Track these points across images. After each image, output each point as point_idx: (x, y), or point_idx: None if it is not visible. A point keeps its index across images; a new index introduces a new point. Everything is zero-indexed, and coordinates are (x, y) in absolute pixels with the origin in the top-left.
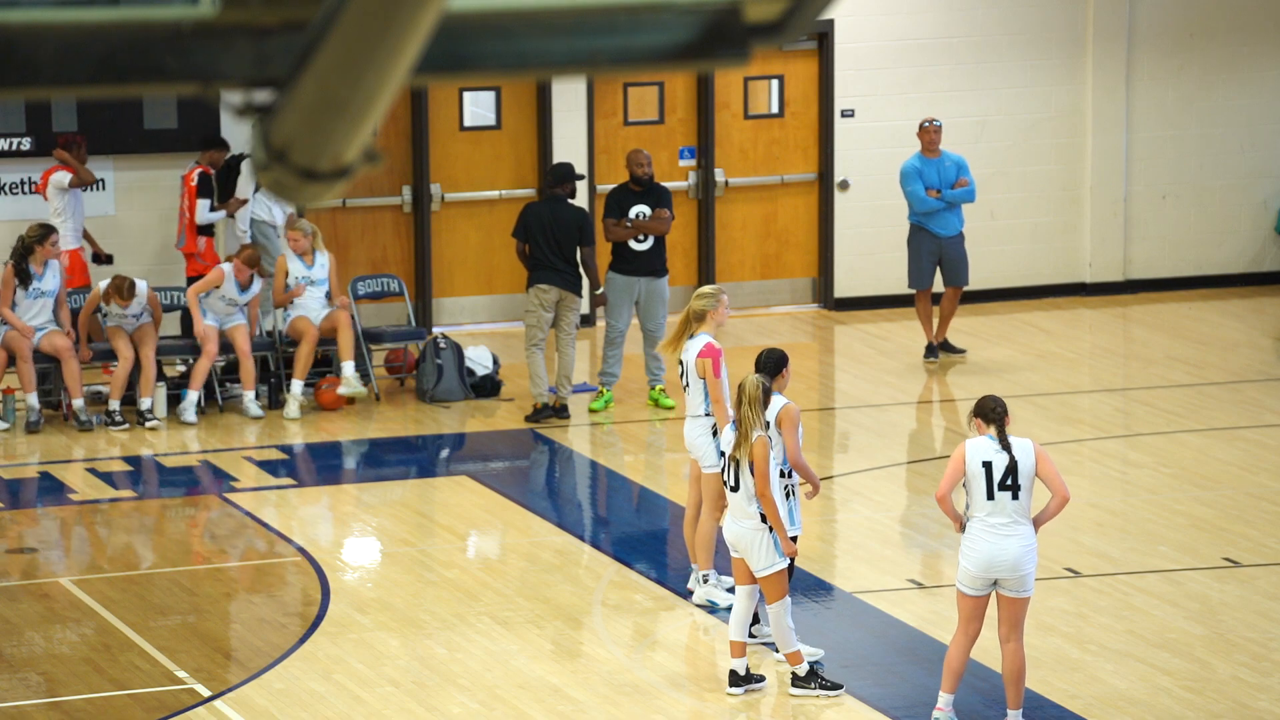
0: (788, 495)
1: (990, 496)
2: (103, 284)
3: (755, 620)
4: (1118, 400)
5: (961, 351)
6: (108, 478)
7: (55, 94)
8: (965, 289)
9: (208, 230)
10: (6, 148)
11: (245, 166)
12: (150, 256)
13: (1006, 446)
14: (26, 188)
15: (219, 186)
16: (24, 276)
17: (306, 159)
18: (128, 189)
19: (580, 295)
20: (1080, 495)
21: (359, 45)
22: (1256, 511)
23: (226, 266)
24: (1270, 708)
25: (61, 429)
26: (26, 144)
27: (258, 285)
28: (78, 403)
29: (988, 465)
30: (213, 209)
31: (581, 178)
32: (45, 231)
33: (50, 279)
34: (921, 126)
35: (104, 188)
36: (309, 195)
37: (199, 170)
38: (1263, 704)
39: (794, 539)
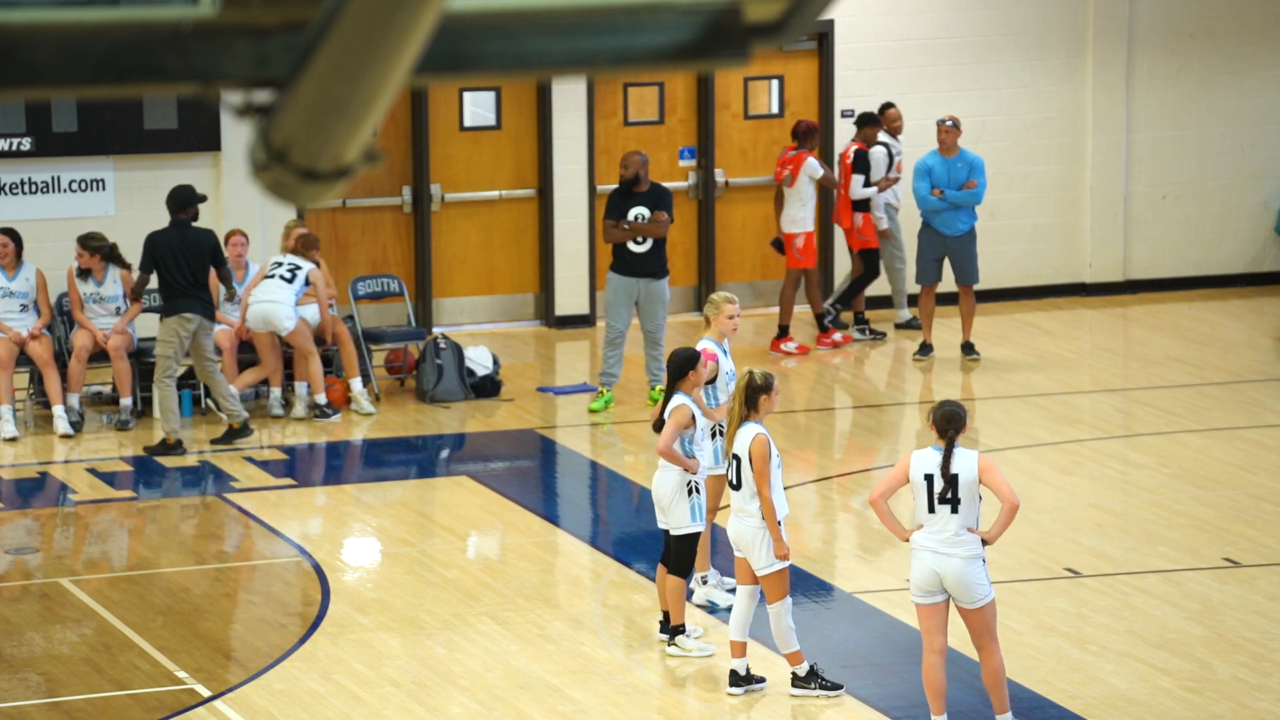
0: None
1: (931, 509)
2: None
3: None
4: (1118, 400)
5: (976, 356)
6: (108, 478)
7: (55, 94)
8: (976, 287)
9: (863, 206)
10: (6, 148)
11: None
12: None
13: (948, 460)
14: (26, 188)
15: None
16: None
17: (306, 159)
18: (128, 189)
19: (214, 320)
20: (1080, 495)
21: (359, 45)
22: (1256, 511)
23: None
24: (1270, 708)
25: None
26: (26, 144)
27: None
28: (125, 402)
29: (929, 478)
30: (866, 185)
31: (204, 199)
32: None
33: (21, 279)
34: (938, 124)
35: (104, 188)
36: (309, 195)
37: (855, 147)
38: (1263, 704)
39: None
